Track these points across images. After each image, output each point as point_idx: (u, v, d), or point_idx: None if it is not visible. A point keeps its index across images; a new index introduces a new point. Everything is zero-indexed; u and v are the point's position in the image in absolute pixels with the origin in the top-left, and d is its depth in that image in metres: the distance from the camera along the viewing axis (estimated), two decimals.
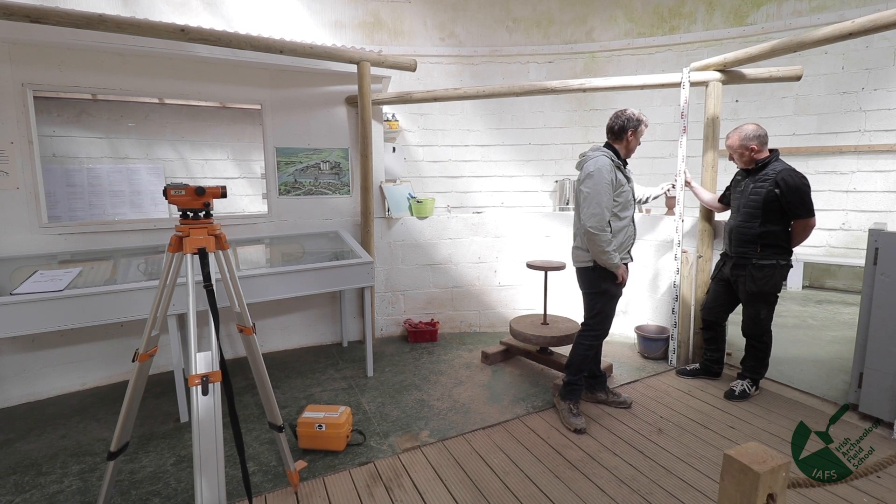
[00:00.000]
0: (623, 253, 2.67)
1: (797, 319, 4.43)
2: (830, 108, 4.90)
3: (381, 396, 3.07)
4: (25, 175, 3.02)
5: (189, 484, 2.19)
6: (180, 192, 1.63)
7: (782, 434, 2.55)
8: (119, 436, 1.77)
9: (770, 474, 0.81)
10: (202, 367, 1.51)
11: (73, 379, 3.20)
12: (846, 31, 2.65)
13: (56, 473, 2.29)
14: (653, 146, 5.51)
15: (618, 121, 2.61)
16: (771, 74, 3.33)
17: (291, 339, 3.98)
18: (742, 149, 2.85)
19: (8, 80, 2.94)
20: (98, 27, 2.79)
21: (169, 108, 5.32)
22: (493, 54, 5.52)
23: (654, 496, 2.08)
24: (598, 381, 2.94)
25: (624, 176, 2.63)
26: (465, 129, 5.57)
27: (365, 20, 5.29)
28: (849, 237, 5.00)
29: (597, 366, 2.92)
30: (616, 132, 2.63)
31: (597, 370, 2.92)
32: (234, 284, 1.82)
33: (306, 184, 3.91)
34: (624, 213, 2.63)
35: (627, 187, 2.64)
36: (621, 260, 2.62)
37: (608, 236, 2.50)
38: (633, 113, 2.60)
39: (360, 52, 3.66)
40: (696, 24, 5.21)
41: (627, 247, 2.70)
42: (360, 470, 2.30)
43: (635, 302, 4.05)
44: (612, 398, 2.91)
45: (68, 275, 2.69)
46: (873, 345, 2.58)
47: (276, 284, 3.02)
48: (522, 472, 2.27)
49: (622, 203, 2.61)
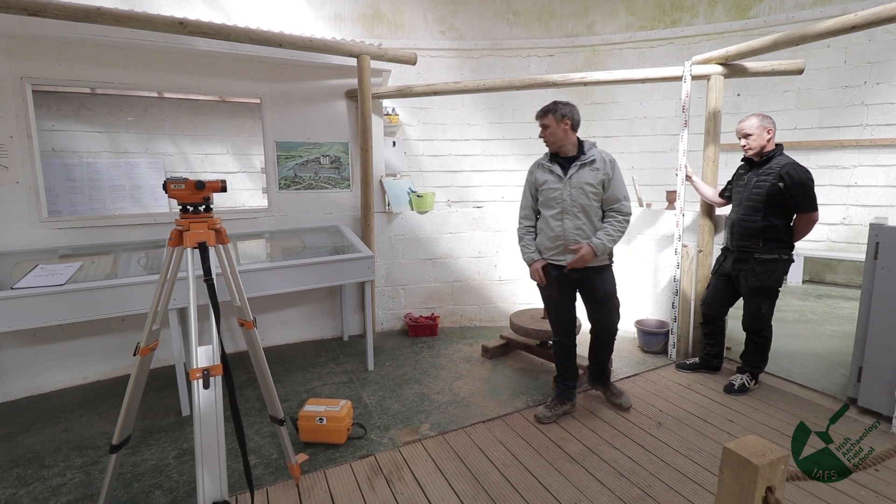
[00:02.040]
0: (550, 253, 2.61)
1: (797, 314, 4.44)
2: (832, 103, 4.88)
3: (382, 390, 3.08)
4: (25, 169, 3.02)
5: (191, 477, 2.21)
6: (180, 187, 1.62)
7: (781, 428, 2.56)
8: (121, 429, 1.78)
9: (769, 467, 0.81)
10: (203, 361, 1.51)
11: (75, 373, 3.21)
12: (849, 24, 2.63)
13: (59, 466, 2.31)
14: (654, 140, 5.49)
15: None
16: (773, 68, 3.31)
17: (292, 334, 3.99)
18: (761, 129, 2.77)
19: (6, 74, 2.93)
20: (96, 20, 2.77)
21: (168, 102, 5.30)
22: (493, 48, 5.49)
23: (653, 489, 2.09)
24: (595, 377, 2.92)
25: (552, 173, 2.58)
26: (465, 123, 5.55)
27: (365, 13, 5.26)
28: (849, 232, 5.00)
29: (592, 363, 2.88)
30: None
31: (592, 367, 2.90)
32: (235, 278, 1.82)
33: (306, 178, 3.91)
34: (546, 210, 2.60)
35: (551, 185, 2.56)
36: (547, 258, 2.62)
37: (520, 232, 2.72)
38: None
39: (359, 45, 3.64)
40: (698, 17, 5.18)
41: (554, 246, 2.58)
42: (361, 463, 2.31)
43: (635, 296, 4.05)
44: (611, 397, 2.87)
45: (69, 269, 2.69)
46: (873, 339, 2.58)
47: (276, 279, 3.02)
48: (522, 465, 2.28)
49: (542, 201, 2.61)
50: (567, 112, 2.51)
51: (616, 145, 5.64)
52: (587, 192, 2.51)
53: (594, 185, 2.51)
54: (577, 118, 2.54)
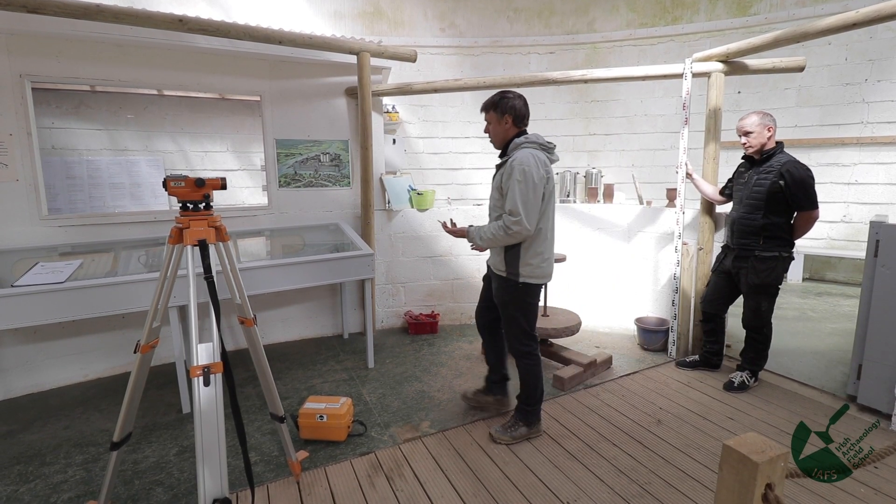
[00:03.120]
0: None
1: (797, 311, 4.44)
2: (833, 100, 4.87)
3: (382, 387, 3.08)
4: (25, 167, 3.01)
5: (192, 474, 2.21)
6: (180, 184, 1.62)
7: (781, 425, 2.56)
8: (122, 426, 1.78)
9: (768, 464, 0.81)
10: (204, 359, 1.52)
11: (76, 370, 3.22)
12: (850, 21, 2.62)
13: (60, 463, 2.31)
14: (654, 138, 5.48)
15: None
16: (774, 65, 3.30)
17: (292, 331, 3.99)
18: (761, 126, 2.78)
19: (6, 72, 2.93)
20: (96, 17, 2.76)
21: (168, 100, 5.29)
22: (493, 45, 5.48)
23: (652, 486, 2.10)
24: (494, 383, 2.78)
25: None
26: (465, 120, 5.54)
27: (364, 10, 5.24)
28: (850, 229, 4.99)
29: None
30: None
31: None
32: (235, 276, 1.82)
33: (306, 176, 3.90)
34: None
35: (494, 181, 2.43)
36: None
37: None
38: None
39: (359, 42, 3.63)
40: (699, 14, 5.16)
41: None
42: (361, 460, 2.31)
43: (635, 294, 4.06)
44: (498, 412, 2.70)
45: (69, 267, 2.69)
46: (873, 337, 2.59)
47: (276, 276, 3.02)
48: (522, 461, 2.29)
49: None
50: (509, 105, 2.32)
51: (616, 143, 5.63)
52: (494, 196, 2.40)
53: (496, 189, 2.37)
54: (520, 112, 2.34)
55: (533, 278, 2.35)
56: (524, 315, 2.41)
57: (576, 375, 3.08)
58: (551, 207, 2.36)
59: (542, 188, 2.24)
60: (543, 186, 2.25)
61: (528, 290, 2.38)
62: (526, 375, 2.46)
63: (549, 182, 2.30)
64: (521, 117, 2.36)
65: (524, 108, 2.36)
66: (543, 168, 2.27)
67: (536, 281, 2.37)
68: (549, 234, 2.38)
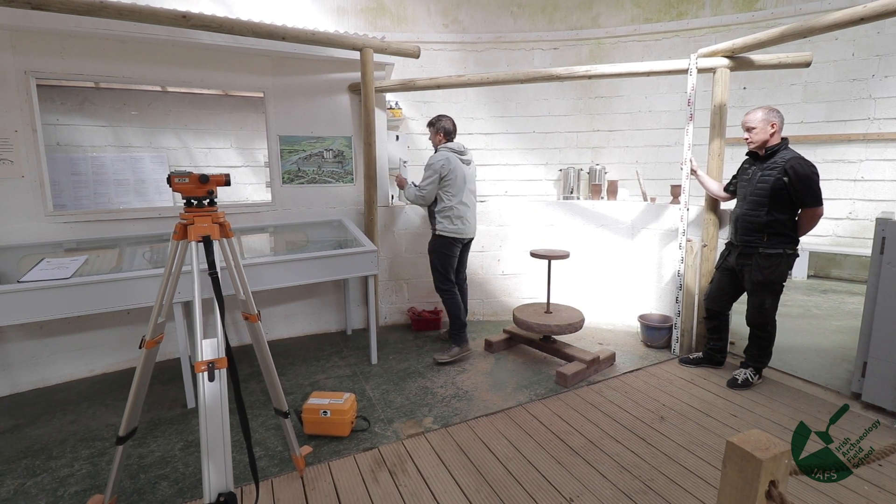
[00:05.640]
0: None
1: (801, 309, 4.42)
2: (840, 96, 4.84)
3: (385, 383, 3.10)
4: (30, 163, 3.03)
5: (196, 468, 2.23)
6: (184, 181, 1.63)
7: (784, 422, 2.56)
8: (127, 421, 1.80)
9: (772, 461, 0.81)
10: (208, 354, 1.52)
11: (81, 365, 3.24)
12: (857, 16, 2.60)
13: (66, 457, 2.34)
14: (658, 134, 5.46)
15: None
16: (780, 61, 3.27)
17: (296, 327, 4.01)
18: (765, 123, 2.76)
19: (10, 68, 2.94)
20: (99, 14, 2.77)
21: (172, 96, 5.30)
22: (497, 41, 5.46)
23: (655, 482, 2.10)
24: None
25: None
26: (468, 117, 5.53)
27: (367, 6, 5.23)
28: (855, 226, 4.97)
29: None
30: None
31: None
32: (239, 272, 1.83)
33: (310, 172, 3.91)
34: None
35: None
36: None
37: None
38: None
39: (362, 38, 3.62)
40: (705, 9, 5.13)
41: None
42: (364, 455, 2.33)
43: (639, 290, 4.05)
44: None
45: (74, 263, 2.71)
46: (878, 334, 2.57)
47: (280, 272, 3.03)
48: (525, 458, 2.29)
49: None
50: (440, 126, 3.40)
51: (620, 139, 5.62)
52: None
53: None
54: (447, 129, 3.41)
55: (446, 232, 3.35)
56: (440, 260, 3.39)
57: (579, 372, 3.08)
58: (459, 187, 3.34)
59: (439, 174, 3.28)
60: (444, 173, 3.29)
61: (442, 242, 3.37)
62: (447, 307, 3.43)
63: (455, 171, 3.32)
64: (448, 132, 3.43)
65: (452, 126, 3.45)
66: (449, 163, 3.31)
67: (449, 234, 3.35)
68: (459, 205, 3.35)
